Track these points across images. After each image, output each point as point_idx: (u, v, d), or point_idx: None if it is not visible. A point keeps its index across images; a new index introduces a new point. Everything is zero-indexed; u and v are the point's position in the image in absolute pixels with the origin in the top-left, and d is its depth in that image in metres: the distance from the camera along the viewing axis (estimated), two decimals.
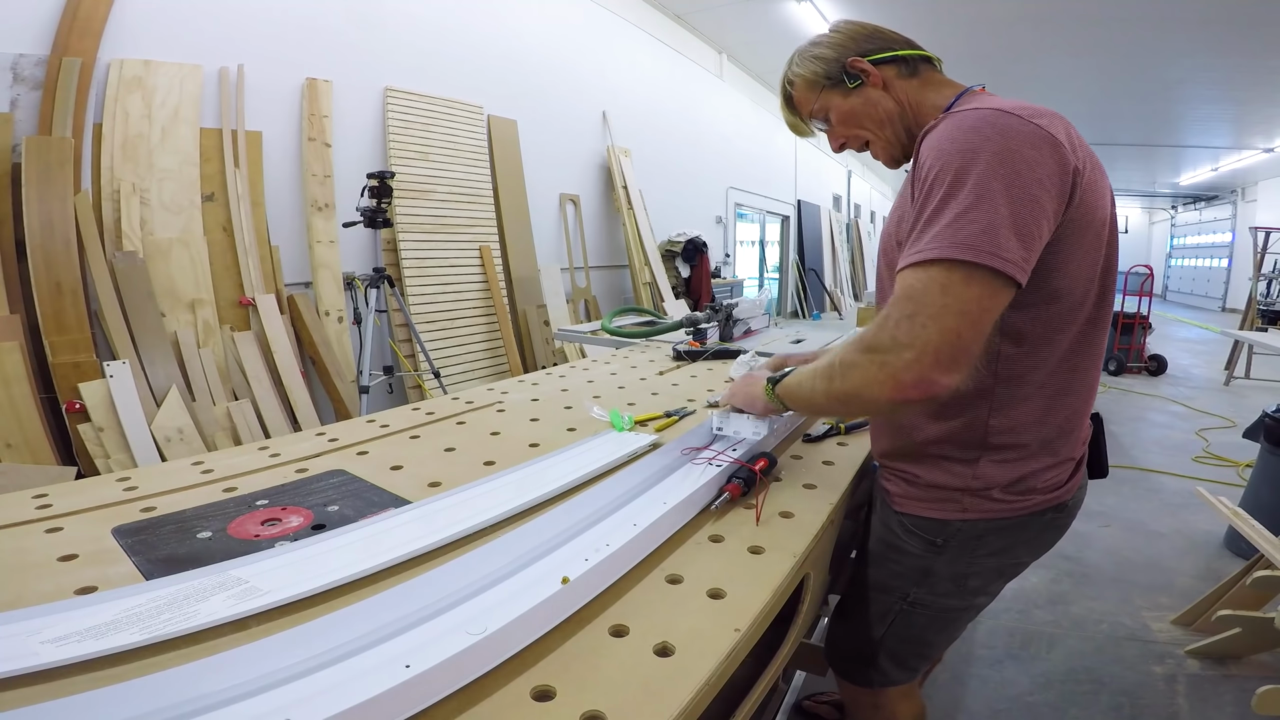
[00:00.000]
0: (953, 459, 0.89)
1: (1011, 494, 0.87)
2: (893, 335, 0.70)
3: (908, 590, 0.96)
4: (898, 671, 1.04)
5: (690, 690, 0.54)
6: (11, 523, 0.83)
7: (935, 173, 0.73)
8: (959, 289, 0.68)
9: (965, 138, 0.72)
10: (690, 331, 2.22)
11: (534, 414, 1.39)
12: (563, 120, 5.10)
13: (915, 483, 0.93)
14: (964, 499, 0.88)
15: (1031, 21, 5.99)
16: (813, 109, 1.00)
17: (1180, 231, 19.12)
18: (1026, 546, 0.93)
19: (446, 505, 0.88)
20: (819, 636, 1.92)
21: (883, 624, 1.00)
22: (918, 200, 0.75)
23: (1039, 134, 0.72)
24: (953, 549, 0.91)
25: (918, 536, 0.93)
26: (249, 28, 3.06)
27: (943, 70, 0.98)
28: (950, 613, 0.98)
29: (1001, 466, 0.86)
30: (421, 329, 3.69)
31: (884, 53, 0.94)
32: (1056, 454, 0.88)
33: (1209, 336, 9.56)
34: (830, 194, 12.82)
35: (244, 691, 0.48)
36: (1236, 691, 1.74)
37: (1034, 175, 0.70)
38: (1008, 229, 0.68)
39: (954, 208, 0.70)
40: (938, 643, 1.03)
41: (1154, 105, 8.67)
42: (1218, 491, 2.30)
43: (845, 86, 0.95)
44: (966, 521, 0.89)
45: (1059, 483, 0.90)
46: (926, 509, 0.92)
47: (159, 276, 2.72)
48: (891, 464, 0.97)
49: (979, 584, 0.95)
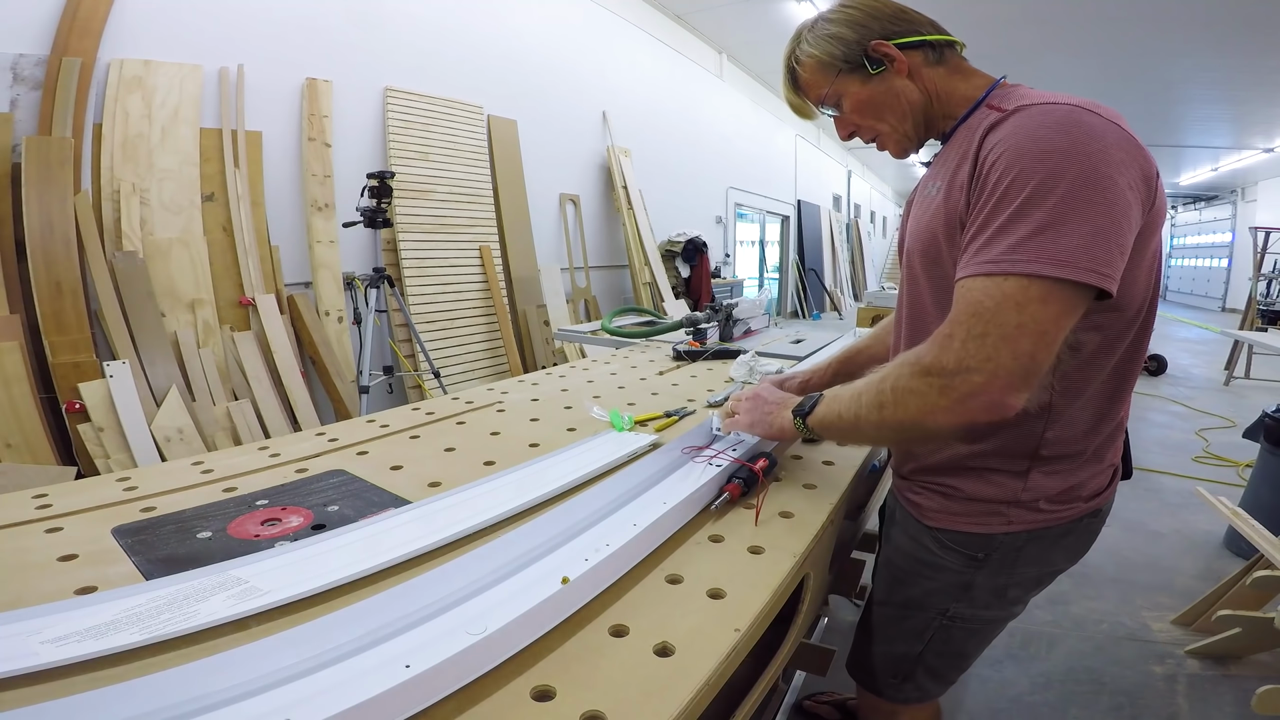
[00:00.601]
0: (1000, 471, 0.84)
1: (1057, 504, 0.84)
2: (959, 358, 0.64)
3: (947, 606, 0.92)
4: (935, 686, 1.00)
5: (690, 690, 0.54)
6: (11, 523, 0.83)
7: (1014, 176, 0.66)
8: (1036, 308, 0.63)
9: (1049, 139, 0.65)
10: (690, 331, 2.22)
11: (534, 414, 1.39)
12: (563, 120, 5.10)
13: (954, 496, 0.87)
14: (1009, 511, 0.84)
15: (1031, 21, 5.99)
16: (824, 94, 0.89)
17: (1180, 231, 19.12)
18: (1064, 553, 0.89)
19: (446, 505, 0.88)
20: (819, 636, 1.93)
21: (920, 641, 0.95)
22: (984, 204, 0.69)
23: (1124, 136, 0.67)
24: (994, 562, 0.87)
25: (957, 552, 0.88)
26: (249, 28, 3.07)
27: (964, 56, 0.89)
28: (990, 624, 0.95)
29: (1052, 477, 0.83)
30: (421, 329, 3.69)
31: (910, 36, 0.84)
32: (1102, 460, 0.86)
33: (1209, 336, 9.56)
34: (830, 194, 12.82)
35: (244, 691, 0.48)
36: (1236, 691, 1.74)
37: (1126, 180, 0.65)
38: (1103, 239, 0.63)
39: (1038, 217, 0.63)
40: (974, 654, 0.99)
41: (1154, 105, 8.66)
42: (1218, 491, 2.30)
43: (865, 72, 0.85)
44: (1009, 534, 0.85)
45: (1100, 489, 0.87)
46: (967, 524, 0.86)
47: (159, 276, 2.72)
48: (925, 478, 0.91)
49: (1018, 593, 0.91)
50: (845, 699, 1.62)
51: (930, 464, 0.90)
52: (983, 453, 0.84)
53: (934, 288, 0.83)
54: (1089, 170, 0.64)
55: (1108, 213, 0.63)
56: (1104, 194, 0.64)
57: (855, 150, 13.77)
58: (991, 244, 0.66)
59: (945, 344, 0.67)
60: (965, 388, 0.65)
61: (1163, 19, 5.70)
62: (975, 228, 0.69)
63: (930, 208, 0.81)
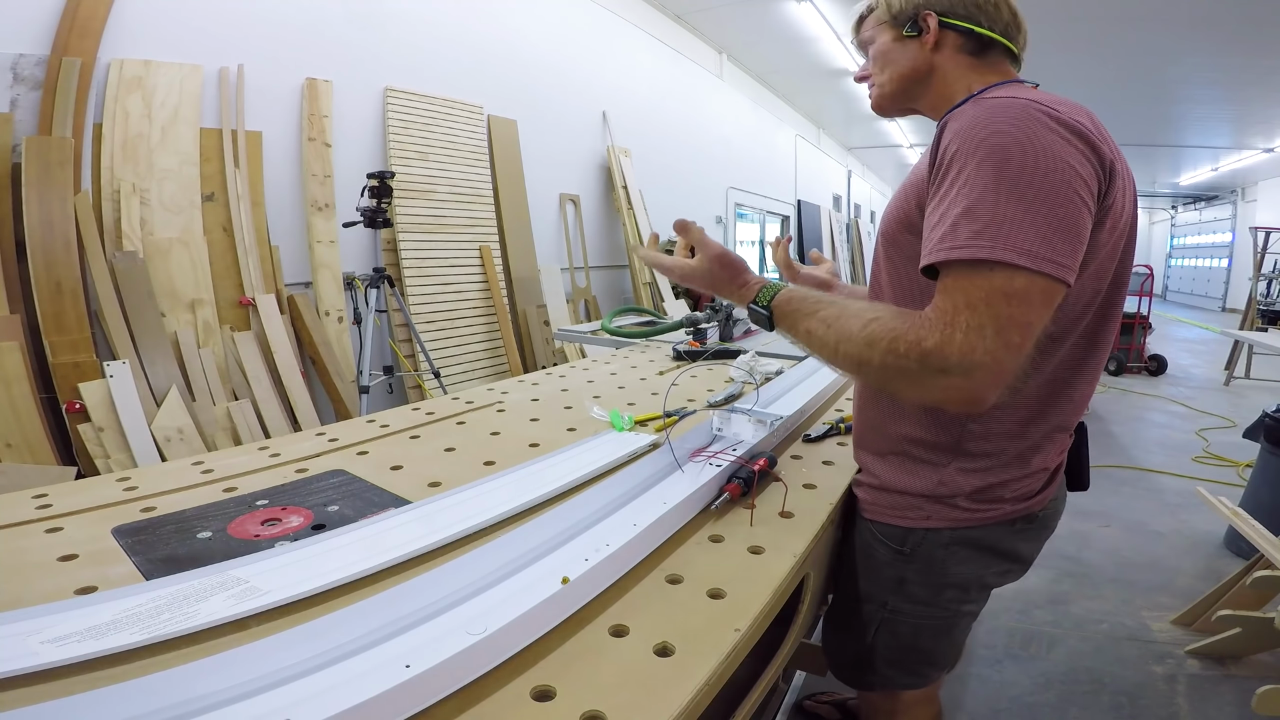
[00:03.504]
0: (919, 460, 0.86)
1: (977, 502, 0.85)
2: (962, 350, 0.62)
3: (885, 599, 0.95)
4: (903, 677, 1.00)
5: (690, 690, 0.54)
6: (11, 523, 0.83)
7: (963, 162, 0.67)
8: (1022, 300, 0.62)
9: (998, 127, 0.66)
10: (690, 331, 2.22)
11: (534, 414, 1.39)
12: (563, 120, 5.10)
13: (880, 487, 0.92)
14: (926, 505, 0.87)
15: (1030, 21, 5.95)
16: (864, 35, 0.93)
17: (1180, 231, 19.12)
18: (1002, 557, 0.89)
19: (446, 505, 0.88)
20: (819, 636, 1.93)
21: (868, 632, 0.98)
22: (944, 186, 0.68)
23: (1080, 128, 0.67)
24: (921, 558, 0.89)
25: (885, 545, 0.92)
26: (249, 28, 3.06)
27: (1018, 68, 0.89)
28: (936, 620, 0.95)
29: (969, 475, 0.84)
30: (421, 329, 3.69)
31: (965, 22, 0.84)
32: (1027, 465, 0.84)
33: (1209, 336, 9.55)
34: (830, 194, 12.82)
35: (244, 691, 0.48)
36: (1236, 691, 1.74)
37: (1074, 172, 0.65)
38: (1058, 230, 0.63)
39: (995, 202, 0.63)
40: (937, 649, 0.98)
41: (1154, 105, 8.66)
42: (1218, 491, 2.30)
43: (900, 31, 0.87)
44: (930, 530, 0.87)
45: (1029, 492, 0.86)
46: (891, 516, 0.91)
47: (159, 276, 2.72)
48: (863, 462, 0.96)
49: (957, 594, 0.92)
50: (845, 699, 1.62)
51: (863, 438, 0.95)
52: (910, 438, 0.87)
53: (890, 266, 0.86)
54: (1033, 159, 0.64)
55: (1057, 202, 0.63)
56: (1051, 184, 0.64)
57: (855, 150, 13.77)
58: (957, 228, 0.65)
59: (948, 335, 0.64)
60: (960, 379, 0.64)
61: (1163, 19, 5.70)
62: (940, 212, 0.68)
63: (901, 192, 0.84)
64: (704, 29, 7.08)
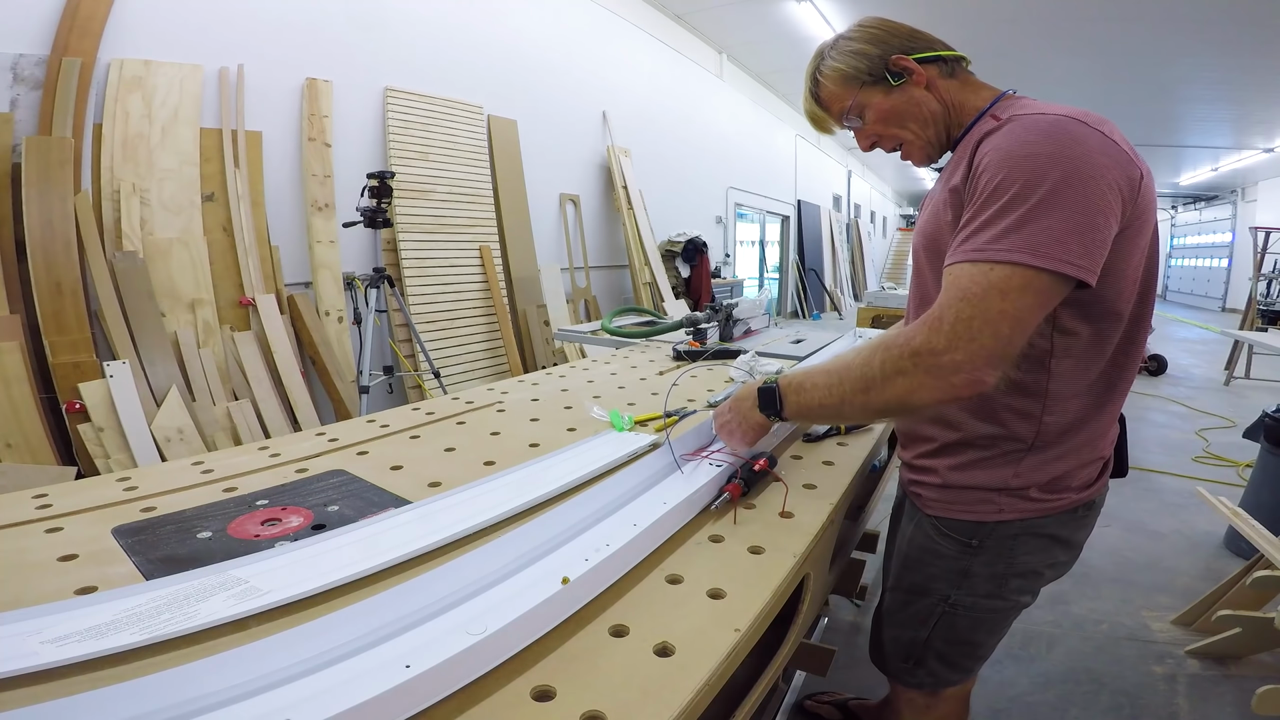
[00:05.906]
0: (993, 458, 0.89)
1: (1047, 493, 0.88)
2: (949, 339, 0.70)
3: (947, 593, 0.96)
4: (950, 673, 1.03)
5: (690, 690, 0.54)
6: (11, 523, 0.83)
7: (1001, 178, 0.72)
8: (1017, 296, 0.69)
9: (1034, 145, 0.72)
10: (690, 331, 2.22)
11: (534, 414, 1.39)
12: (563, 120, 5.10)
13: (949, 485, 0.92)
14: (1000, 499, 0.89)
15: (1031, 21, 5.99)
16: (847, 106, 0.95)
17: (1180, 231, 19.11)
18: (1062, 546, 0.93)
19: (446, 505, 0.88)
20: (819, 636, 1.93)
21: (925, 627, 1.00)
22: (975, 203, 0.75)
23: (1106, 141, 0.73)
24: (989, 550, 0.91)
25: (952, 539, 0.93)
26: (249, 28, 3.06)
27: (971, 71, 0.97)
28: (994, 613, 0.97)
29: (1042, 466, 0.87)
30: (421, 329, 3.69)
31: (925, 52, 0.91)
32: (1090, 453, 0.90)
33: (1209, 336, 9.55)
34: (830, 194, 12.82)
35: (244, 691, 0.48)
36: (1236, 691, 1.74)
37: (1106, 182, 0.71)
38: (1079, 233, 0.69)
39: (1021, 212, 0.70)
40: (987, 643, 1.02)
41: (1154, 105, 8.66)
42: (1218, 491, 2.30)
43: (887, 84, 0.92)
44: (1002, 522, 0.89)
45: (1090, 480, 0.91)
46: (961, 511, 0.92)
47: (159, 276, 2.72)
48: (924, 462, 0.97)
49: (1020, 584, 0.94)
50: (846, 699, 1.62)
51: (929, 450, 0.95)
52: (983, 439, 0.89)
53: (937, 277, 0.88)
54: (1070, 172, 0.70)
55: (1086, 210, 0.70)
56: (1083, 193, 0.70)
57: (855, 150, 13.76)
58: (978, 234, 0.73)
59: (935, 326, 0.72)
60: (950, 366, 0.71)
61: (1163, 19, 5.70)
62: (964, 222, 0.76)
63: (933, 207, 0.89)
64: (704, 29, 7.09)
